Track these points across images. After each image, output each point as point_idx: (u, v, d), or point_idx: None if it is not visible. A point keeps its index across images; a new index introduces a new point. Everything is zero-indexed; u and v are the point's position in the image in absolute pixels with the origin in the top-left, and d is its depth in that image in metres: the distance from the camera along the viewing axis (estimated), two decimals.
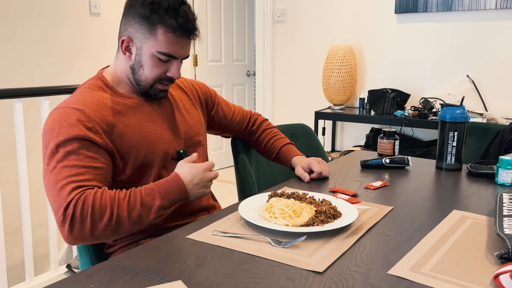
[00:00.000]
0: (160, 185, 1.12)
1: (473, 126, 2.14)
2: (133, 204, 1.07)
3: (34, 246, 2.78)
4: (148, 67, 1.19)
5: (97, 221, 1.03)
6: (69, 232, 1.03)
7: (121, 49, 1.20)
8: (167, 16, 1.14)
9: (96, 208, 1.03)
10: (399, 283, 0.82)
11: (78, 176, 1.05)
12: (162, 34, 1.15)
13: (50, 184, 1.06)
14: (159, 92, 1.24)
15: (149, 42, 1.17)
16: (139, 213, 1.07)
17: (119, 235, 1.09)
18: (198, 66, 4.25)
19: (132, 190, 1.10)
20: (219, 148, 4.58)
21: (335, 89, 3.21)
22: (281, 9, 3.62)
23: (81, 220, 1.02)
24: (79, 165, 1.07)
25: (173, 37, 1.16)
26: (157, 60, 1.18)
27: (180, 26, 1.15)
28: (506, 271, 0.78)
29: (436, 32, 3.03)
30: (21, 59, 3.04)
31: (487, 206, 1.22)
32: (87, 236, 1.04)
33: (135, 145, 1.18)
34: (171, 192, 1.11)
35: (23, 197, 2.33)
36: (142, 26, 1.16)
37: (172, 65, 1.21)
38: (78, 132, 1.08)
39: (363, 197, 1.29)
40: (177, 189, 1.12)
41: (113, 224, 1.05)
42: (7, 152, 2.95)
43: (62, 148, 1.07)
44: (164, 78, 1.22)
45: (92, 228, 1.03)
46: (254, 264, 0.88)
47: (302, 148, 1.84)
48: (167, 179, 1.14)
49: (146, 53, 1.18)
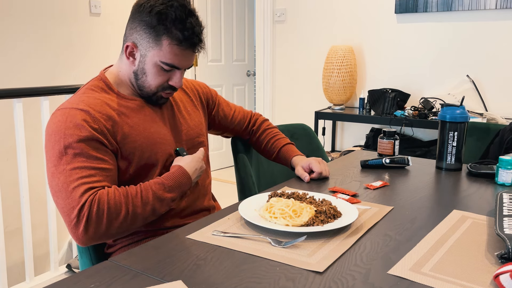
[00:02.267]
0: (168, 178, 1.16)
1: (473, 126, 2.14)
2: (146, 199, 1.11)
3: (34, 246, 2.79)
4: (151, 75, 1.19)
5: (113, 219, 1.06)
6: (84, 233, 1.03)
7: (125, 53, 1.20)
8: (173, 27, 1.14)
9: (112, 207, 1.05)
10: (399, 283, 0.81)
11: (89, 178, 1.06)
12: (167, 45, 1.15)
13: (60, 186, 1.06)
14: (160, 99, 1.25)
15: (153, 51, 1.16)
16: (153, 207, 1.12)
17: (132, 230, 1.13)
18: (198, 66, 4.25)
19: (142, 186, 1.13)
20: (219, 148, 4.58)
21: (335, 89, 3.22)
22: (281, 9, 3.62)
23: (97, 220, 1.04)
24: (89, 166, 1.07)
25: (178, 49, 1.16)
26: (160, 69, 1.19)
27: (186, 39, 1.15)
28: (506, 271, 0.78)
29: (436, 32, 3.03)
30: (21, 59, 3.04)
31: (487, 206, 1.22)
32: (102, 235, 1.06)
33: (139, 146, 1.18)
34: (179, 184, 1.17)
35: (23, 197, 2.33)
36: (147, 34, 1.16)
37: (175, 75, 1.21)
38: (86, 133, 1.08)
39: (363, 197, 1.29)
40: (185, 180, 1.18)
41: (129, 221, 1.08)
42: (7, 152, 2.95)
43: (71, 150, 1.07)
44: (166, 87, 1.22)
45: (107, 227, 1.05)
46: (254, 264, 0.88)
47: (302, 148, 1.85)
48: (174, 172, 1.18)
49: (150, 61, 1.18)
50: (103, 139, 1.11)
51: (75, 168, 1.06)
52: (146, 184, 1.13)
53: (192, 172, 1.20)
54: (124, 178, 1.18)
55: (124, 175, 1.18)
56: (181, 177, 1.17)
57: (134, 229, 1.13)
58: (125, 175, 1.18)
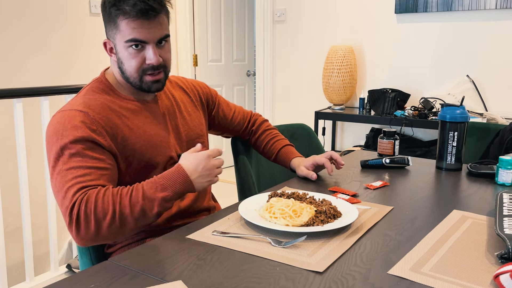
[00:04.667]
0: (162, 177, 1.08)
1: (473, 126, 2.14)
2: (136, 199, 1.04)
3: (34, 246, 2.79)
4: (126, 61, 1.18)
5: (101, 220, 1.02)
6: (76, 233, 1.02)
7: (107, 53, 1.23)
8: (122, 4, 1.14)
9: (99, 207, 1.02)
10: (399, 283, 0.81)
11: (83, 177, 1.05)
12: (123, 24, 1.15)
13: (58, 187, 1.06)
14: (152, 85, 1.21)
15: (118, 36, 1.17)
16: (142, 207, 1.04)
17: (127, 233, 1.06)
18: (198, 66, 4.25)
19: (135, 185, 1.08)
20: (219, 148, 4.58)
21: (335, 89, 3.22)
22: (281, 9, 3.62)
23: (85, 220, 1.01)
24: (84, 166, 1.06)
25: (133, 22, 1.14)
26: (130, 51, 1.17)
27: (135, 10, 1.13)
28: (506, 271, 0.78)
29: (436, 32, 3.03)
30: (21, 59, 3.04)
31: (487, 206, 1.22)
32: (94, 236, 1.02)
33: (139, 148, 1.18)
34: (174, 182, 1.08)
35: (23, 197, 2.33)
36: (110, 24, 1.18)
37: (147, 52, 1.18)
38: (82, 133, 1.08)
39: (363, 197, 1.29)
40: (180, 179, 1.08)
41: (117, 222, 1.03)
42: (7, 152, 2.95)
43: (67, 150, 1.07)
44: (146, 68, 1.19)
45: (97, 228, 1.02)
46: (254, 264, 0.88)
47: (302, 148, 1.84)
48: (169, 170, 1.10)
49: (120, 47, 1.18)
50: (101, 140, 1.10)
51: (71, 168, 1.05)
52: (139, 183, 1.08)
53: (192, 170, 1.10)
54: (125, 180, 1.18)
55: (124, 177, 1.18)
56: (176, 175, 1.09)
57: (128, 233, 1.07)
58: (125, 177, 1.18)
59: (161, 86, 1.24)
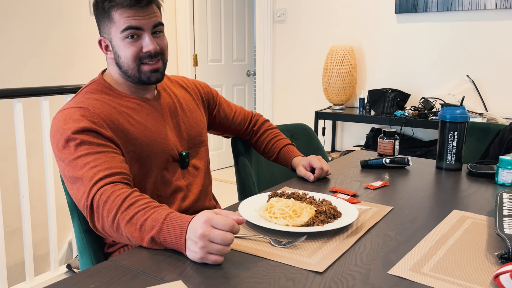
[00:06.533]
0: (170, 220, 0.94)
1: (473, 126, 2.14)
2: (136, 221, 0.96)
3: (34, 246, 2.79)
4: (123, 52, 1.18)
5: (104, 217, 1.01)
6: (90, 220, 1.04)
7: (103, 51, 1.23)
8: None
9: (107, 206, 1.00)
10: (399, 283, 0.81)
11: (94, 162, 1.05)
12: (116, 15, 1.16)
13: (69, 177, 1.07)
14: (150, 75, 1.21)
15: (113, 30, 1.18)
16: (132, 234, 0.96)
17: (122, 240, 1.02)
18: (198, 66, 4.25)
19: (146, 207, 0.98)
20: (219, 148, 4.58)
21: (335, 89, 3.22)
22: (281, 9, 3.62)
23: (96, 211, 1.02)
24: (92, 152, 1.07)
25: (126, 11, 1.15)
26: (126, 41, 1.18)
27: None
28: (506, 271, 0.78)
29: (436, 32, 3.03)
30: (21, 59, 3.04)
31: (487, 206, 1.22)
32: (100, 227, 1.03)
33: (139, 144, 1.18)
34: (169, 234, 0.92)
35: (23, 197, 2.33)
36: (103, 20, 1.19)
37: (144, 40, 1.18)
38: (85, 124, 1.09)
39: (363, 197, 1.29)
40: (177, 231, 0.92)
41: (115, 228, 1.00)
42: (7, 152, 2.95)
43: (72, 142, 1.07)
44: (143, 56, 1.19)
45: (102, 222, 1.02)
46: (254, 264, 0.88)
47: (302, 148, 1.85)
48: (180, 217, 0.94)
49: (116, 41, 1.18)
50: (103, 131, 1.11)
51: (80, 156, 1.06)
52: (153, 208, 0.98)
53: (190, 236, 0.89)
54: None
55: None
56: (176, 229, 0.92)
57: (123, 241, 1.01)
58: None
59: (160, 76, 1.23)
